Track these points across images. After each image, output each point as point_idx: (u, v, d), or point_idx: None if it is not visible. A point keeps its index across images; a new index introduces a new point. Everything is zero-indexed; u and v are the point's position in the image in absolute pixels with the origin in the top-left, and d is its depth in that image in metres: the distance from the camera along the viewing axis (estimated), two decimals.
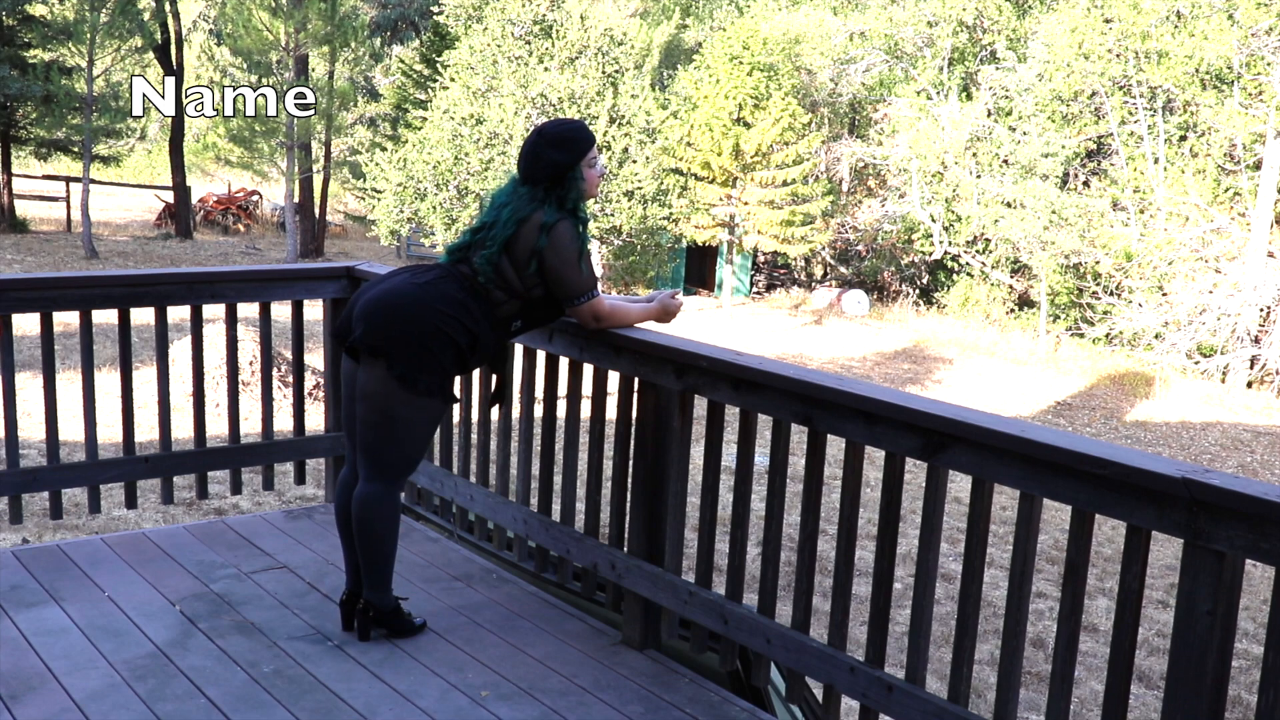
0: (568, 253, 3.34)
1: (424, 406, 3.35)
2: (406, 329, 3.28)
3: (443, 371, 3.34)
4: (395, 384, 3.30)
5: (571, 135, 3.42)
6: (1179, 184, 24.78)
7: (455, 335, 3.31)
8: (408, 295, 3.32)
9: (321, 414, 5.10)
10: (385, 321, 3.29)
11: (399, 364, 3.28)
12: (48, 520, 8.78)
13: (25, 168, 33.14)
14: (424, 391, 3.32)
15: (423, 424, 3.40)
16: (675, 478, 3.50)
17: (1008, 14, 29.44)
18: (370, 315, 3.32)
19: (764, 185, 25.29)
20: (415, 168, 20.96)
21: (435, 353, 3.30)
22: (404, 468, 3.47)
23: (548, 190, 3.38)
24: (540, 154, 3.38)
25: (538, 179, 3.39)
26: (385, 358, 3.29)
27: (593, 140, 3.47)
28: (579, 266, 3.37)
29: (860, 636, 7.17)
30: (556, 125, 3.45)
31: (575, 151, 3.40)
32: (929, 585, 2.88)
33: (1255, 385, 23.33)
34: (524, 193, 3.40)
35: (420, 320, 3.28)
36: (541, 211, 3.35)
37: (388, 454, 3.42)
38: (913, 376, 20.13)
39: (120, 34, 24.65)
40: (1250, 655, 8.99)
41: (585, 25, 21.06)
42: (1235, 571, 2.28)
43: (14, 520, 4.32)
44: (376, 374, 3.32)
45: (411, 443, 3.42)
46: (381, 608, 3.56)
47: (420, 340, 3.28)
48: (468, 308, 3.34)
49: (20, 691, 3.17)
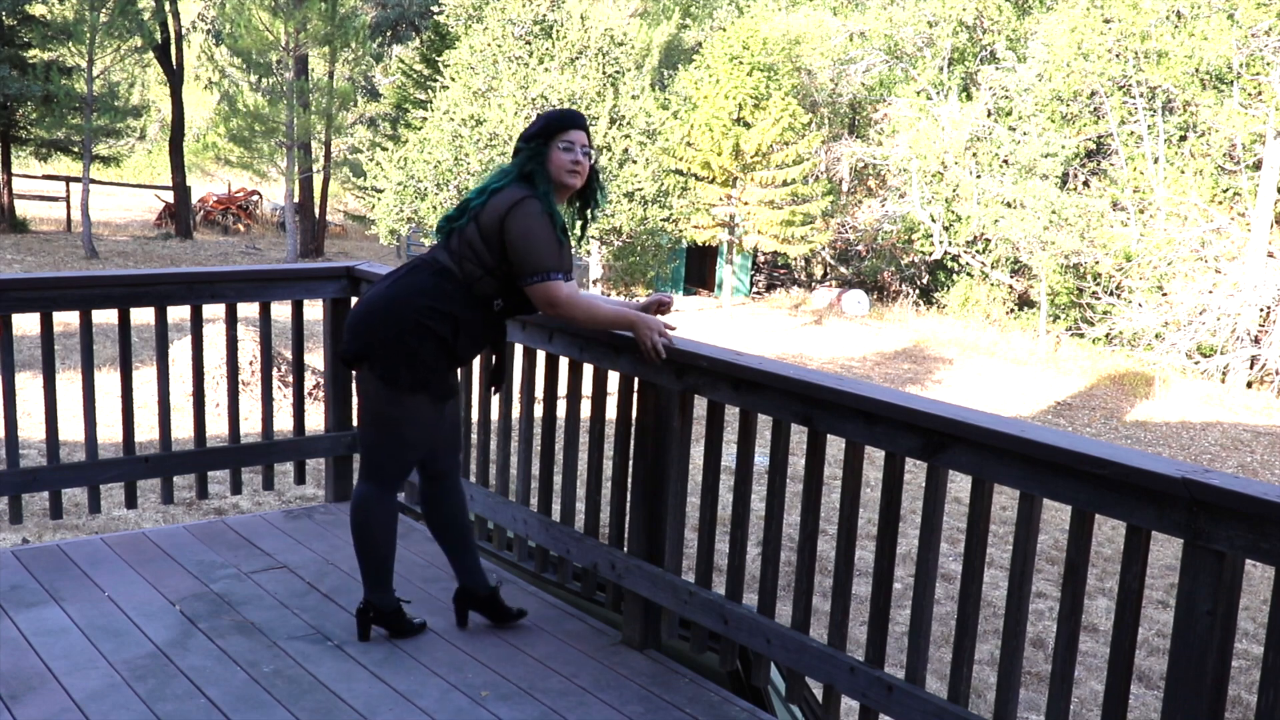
0: (524, 228, 3.29)
1: (411, 405, 3.37)
2: (384, 332, 3.34)
3: (425, 365, 3.35)
4: (380, 384, 3.37)
5: (547, 115, 3.45)
6: (1179, 184, 24.77)
7: (432, 324, 3.33)
8: (379, 298, 3.40)
9: (321, 414, 5.10)
10: (365, 329, 3.38)
11: (379, 364, 3.35)
12: (48, 520, 8.78)
13: (25, 168, 33.15)
14: (408, 388, 3.34)
15: (413, 424, 3.41)
16: (675, 478, 3.50)
17: (1008, 14, 29.45)
18: (353, 327, 3.43)
19: (764, 185, 25.29)
20: (415, 167, 20.95)
21: (413, 346, 3.32)
22: (395, 469, 3.48)
23: (520, 168, 3.40)
24: (521, 134, 3.47)
25: (515, 157, 3.45)
26: (368, 361, 3.38)
27: (569, 124, 3.42)
28: (536, 245, 3.31)
29: (860, 636, 7.17)
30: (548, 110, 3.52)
31: (545, 131, 3.41)
32: (929, 585, 2.88)
33: (1255, 385, 23.33)
34: (502, 169, 3.47)
35: (393, 318, 3.34)
36: (513, 188, 3.36)
37: (379, 455, 3.46)
38: (913, 376, 20.13)
39: (120, 34, 24.65)
40: (1250, 655, 8.99)
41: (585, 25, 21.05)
42: (1235, 571, 2.28)
43: (14, 520, 4.32)
44: (364, 379, 3.42)
45: (402, 444, 3.43)
46: (382, 608, 3.56)
47: (397, 337, 3.33)
48: (441, 291, 3.35)
49: (20, 691, 3.17)
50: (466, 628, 3.67)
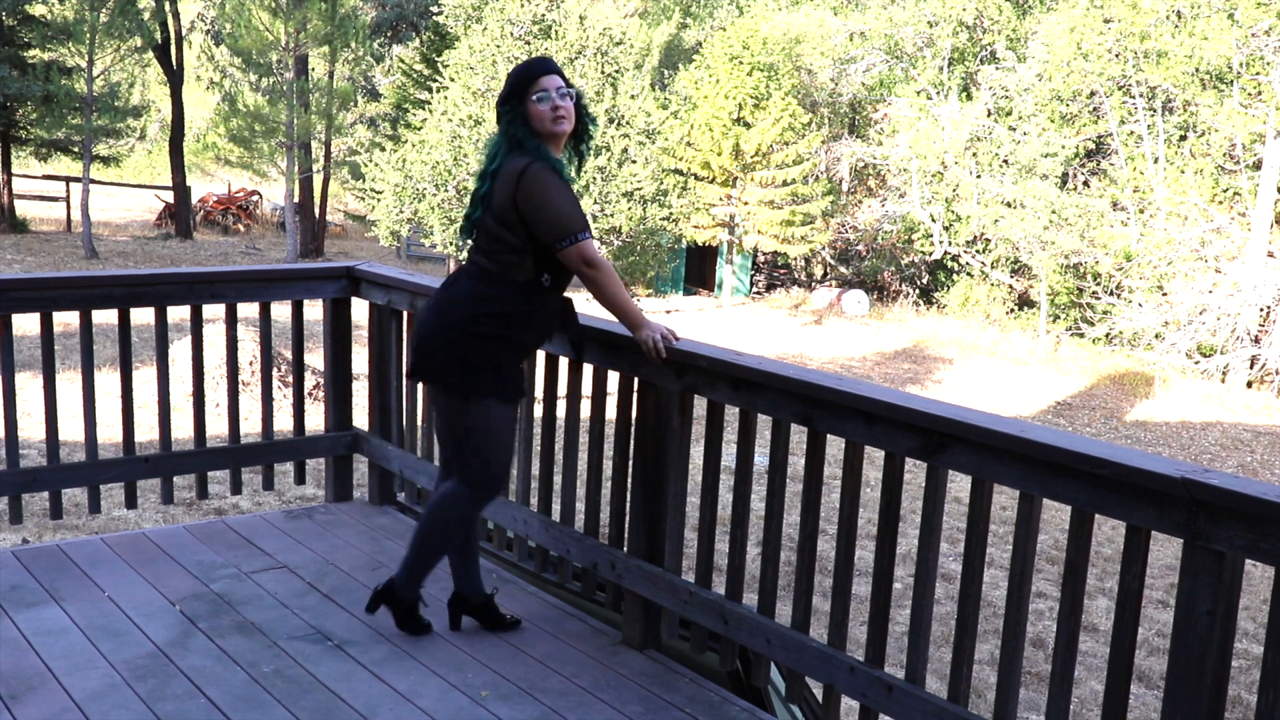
0: (539, 197, 3.25)
1: (488, 412, 3.38)
2: (444, 351, 3.35)
3: (492, 370, 3.35)
4: (456, 400, 3.38)
5: (512, 75, 3.38)
6: (1179, 184, 24.77)
7: (486, 328, 3.32)
8: (432, 319, 3.40)
9: (321, 414, 5.10)
10: (427, 353, 3.40)
11: (450, 382, 3.37)
12: (48, 520, 8.78)
13: (25, 168, 33.14)
14: (483, 394, 3.35)
15: (494, 430, 3.41)
16: (675, 478, 3.50)
17: (1008, 14, 29.45)
18: (416, 350, 3.44)
19: (764, 185, 25.29)
20: (415, 168, 20.94)
21: (472, 356, 3.33)
22: (484, 475, 3.46)
23: (508, 138, 3.35)
24: (496, 101, 3.42)
25: (498, 124, 3.39)
26: (440, 382, 3.39)
27: (536, 74, 3.34)
28: (555, 209, 3.25)
29: (860, 636, 7.17)
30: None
31: (515, 91, 3.34)
32: (929, 585, 2.88)
33: (1255, 385, 23.32)
34: (491, 144, 3.41)
35: (440, 336, 3.36)
36: (510, 161, 3.31)
37: (471, 463, 3.46)
38: (913, 376, 20.13)
39: (120, 34, 24.63)
40: (1250, 655, 8.99)
41: (584, 25, 21.04)
42: (1235, 571, 2.28)
43: (14, 520, 4.32)
44: (440, 398, 3.44)
45: (487, 449, 3.42)
46: (405, 597, 3.57)
47: (459, 353, 3.33)
48: (482, 295, 3.34)
49: (20, 691, 3.17)
50: (459, 630, 3.66)
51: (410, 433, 4.58)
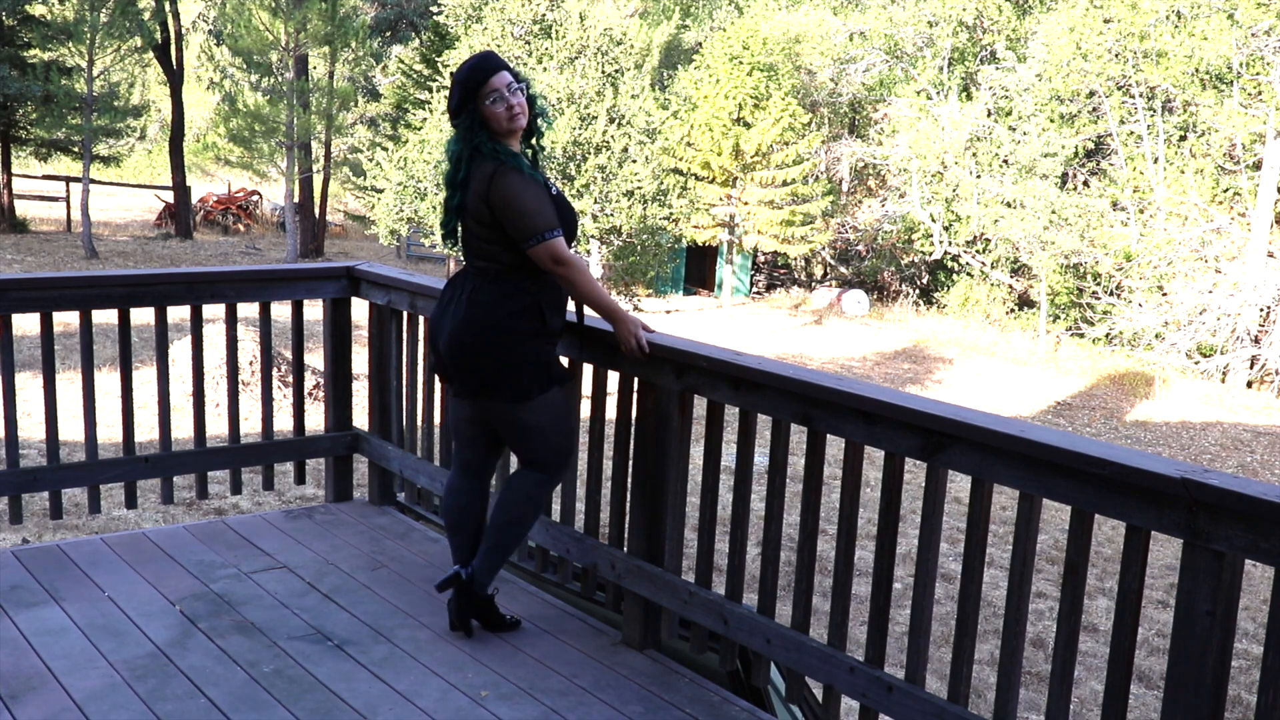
0: (506, 198, 3.27)
1: (553, 402, 3.43)
2: (491, 362, 3.35)
3: (542, 364, 3.39)
4: (513, 406, 3.40)
5: (459, 81, 3.33)
6: (1179, 184, 24.77)
7: (524, 324, 3.34)
8: (465, 332, 3.36)
9: (321, 414, 5.10)
10: (472, 368, 3.38)
11: (504, 391, 3.37)
12: (48, 520, 8.78)
13: (25, 168, 33.13)
14: (543, 389, 3.39)
15: (561, 416, 3.47)
16: (675, 478, 3.50)
17: (1008, 14, 29.45)
18: (459, 368, 3.40)
19: (764, 185, 25.29)
20: (415, 167, 20.94)
21: (519, 357, 3.35)
22: (556, 458, 3.52)
23: (470, 145, 3.33)
24: (447, 108, 3.39)
25: (457, 134, 3.36)
26: (493, 394, 3.39)
27: (483, 76, 3.30)
28: (522, 209, 3.27)
29: (860, 636, 7.17)
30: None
31: (465, 96, 3.31)
32: (929, 585, 2.88)
33: (1255, 385, 23.33)
34: (452, 153, 3.38)
35: (489, 346, 3.34)
36: (476, 167, 3.31)
37: (540, 455, 3.50)
38: (913, 376, 20.13)
39: (120, 34, 24.63)
40: (1250, 655, 8.99)
41: (585, 25, 21.04)
42: (1235, 572, 2.28)
43: (14, 520, 4.32)
44: (496, 408, 3.43)
45: (558, 435, 3.49)
46: (480, 593, 3.57)
47: (507, 360, 3.34)
48: (506, 294, 3.35)
49: (20, 691, 3.17)
50: (457, 629, 3.62)
51: (410, 433, 4.58)
